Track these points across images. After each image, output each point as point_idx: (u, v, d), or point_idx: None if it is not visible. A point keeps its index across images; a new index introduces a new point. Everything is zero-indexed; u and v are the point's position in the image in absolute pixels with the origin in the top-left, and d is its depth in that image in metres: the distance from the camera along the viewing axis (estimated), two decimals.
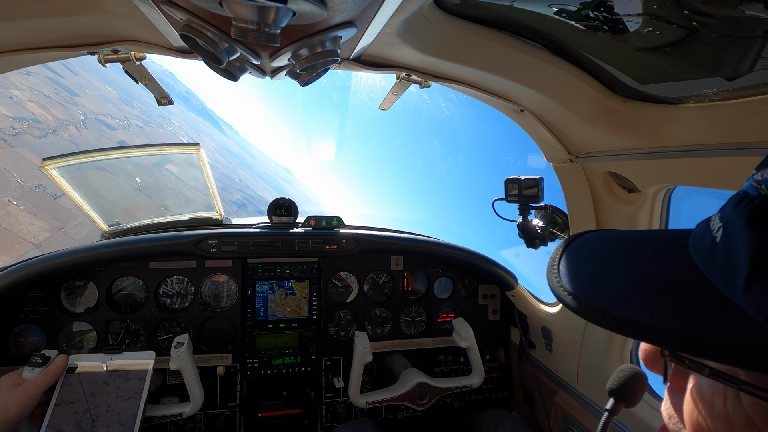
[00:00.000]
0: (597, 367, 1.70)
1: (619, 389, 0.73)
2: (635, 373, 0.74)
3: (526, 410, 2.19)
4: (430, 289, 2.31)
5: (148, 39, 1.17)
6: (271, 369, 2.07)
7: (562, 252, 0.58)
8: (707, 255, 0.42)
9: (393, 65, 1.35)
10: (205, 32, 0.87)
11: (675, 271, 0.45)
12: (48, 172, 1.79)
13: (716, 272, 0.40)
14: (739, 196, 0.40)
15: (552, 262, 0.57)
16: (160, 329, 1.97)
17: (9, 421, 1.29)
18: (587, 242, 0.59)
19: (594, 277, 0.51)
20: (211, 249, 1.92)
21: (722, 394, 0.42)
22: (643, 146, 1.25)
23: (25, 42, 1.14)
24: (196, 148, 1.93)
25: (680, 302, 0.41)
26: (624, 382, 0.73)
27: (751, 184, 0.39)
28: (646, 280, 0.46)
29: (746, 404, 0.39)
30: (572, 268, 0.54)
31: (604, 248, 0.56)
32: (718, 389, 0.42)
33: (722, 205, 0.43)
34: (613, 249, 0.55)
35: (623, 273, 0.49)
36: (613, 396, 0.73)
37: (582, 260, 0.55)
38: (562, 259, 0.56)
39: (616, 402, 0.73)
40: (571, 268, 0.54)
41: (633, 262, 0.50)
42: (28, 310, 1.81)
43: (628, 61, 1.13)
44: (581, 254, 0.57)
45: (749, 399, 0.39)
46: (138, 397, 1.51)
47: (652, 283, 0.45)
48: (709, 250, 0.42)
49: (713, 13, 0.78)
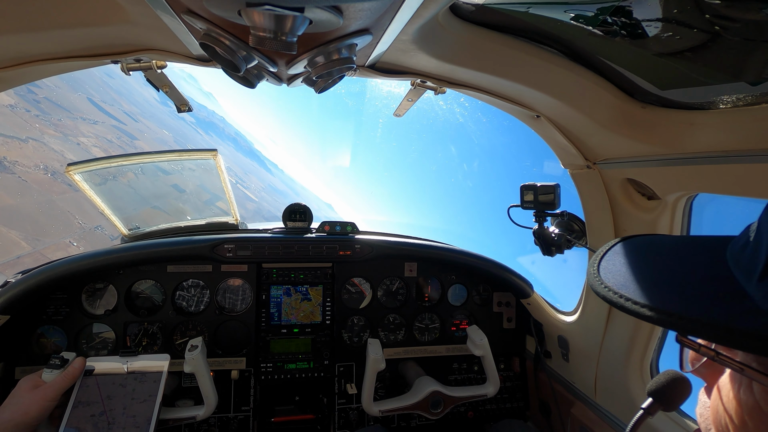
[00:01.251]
0: (616, 379, 1.65)
1: (660, 390, 0.72)
2: (679, 377, 0.72)
3: (542, 421, 2.15)
4: (444, 296, 2.29)
5: (169, 48, 1.20)
6: (284, 374, 2.07)
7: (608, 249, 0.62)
8: (738, 253, 0.45)
9: (408, 72, 1.35)
10: (223, 41, 0.89)
11: (705, 265, 0.48)
12: (72, 177, 1.84)
13: (740, 267, 0.44)
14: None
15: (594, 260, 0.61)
16: (176, 332, 2.00)
17: (29, 422, 1.32)
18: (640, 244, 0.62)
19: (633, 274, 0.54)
20: (227, 253, 1.94)
21: (737, 384, 0.46)
22: (663, 152, 1.22)
23: (52, 52, 1.18)
24: (213, 154, 1.97)
25: (700, 291, 0.45)
26: (666, 383, 0.72)
27: None
28: (679, 274, 0.49)
29: (756, 391, 0.43)
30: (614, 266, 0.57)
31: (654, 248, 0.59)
32: (735, 380, 0.46)
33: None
34: (658, 250, 0.58)
35: (658, 269, 0.53)
36: (652, 396, 0.72)
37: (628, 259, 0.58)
38: (604, 257, 0.60)
39: (654, 402, 0.72)
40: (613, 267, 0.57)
41: (671, 261, 0.53)
42: (51, 311, 1.86)
43: (647, 67, 1.11)
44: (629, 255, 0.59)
45: (759, 387, 0.43)
46: (153, 399, 1.53)
47: (683, 276, 0.49)
48: (741, 249, 0.45)
49: (736, 16, 0.76)
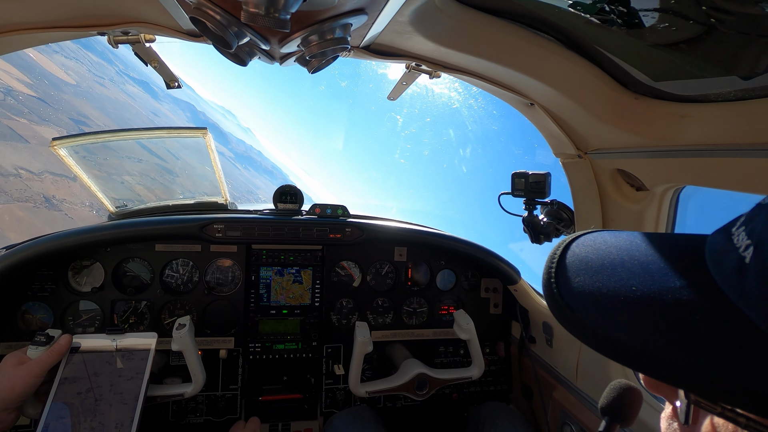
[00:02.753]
0: (597, 365, 1.70)
1: (613, 408, 0.67)
2: (629, 389, 0.68)
3: (524, 404, 2.21)
4: (433, 281, 2.31)
5: (158, 21, 1.16)
6: (272, 354, 2.09)
7: (563, 252, 0.52)
8: (736, 278, 0.35)
9: (403, 54, 1.34)
10: (214, 16, 0.86)
11: (696, 291, 0.38)
12: (57, 151, 1.80)
13: (750, 300, 0.33)
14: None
15: (550, 263, 0.51)
16: (164, 311, 2.00)
17: (14, 399, 1.32)
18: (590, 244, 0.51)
19: (594, 288, 0.44)
20: (217, 234, 1.93)
21: None
22: (653, 144, 1.23)
23: (36, 21, 1.14)
24: (203, 133, 1.93)
25: (703, 334, 0.35)
26: (618, 399, 0.67)
27: None
28: (658, 301, 0.39)
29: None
30: (571, 272, 0.48)
31: (610, 253, 0.48)
32: None
33: (746, 217, 0.37)
34: (619, 254, 0.47)
35: (628, 286, 0.42)
36: (607, 415, 0.68)
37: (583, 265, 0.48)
38: (561, 261, 0.50)
39: (610, 422, 0.67)
40: (570, 273, 0.48)
41: (641, 274, 0.43)
42: (36, 287, 1.83)
43: (641, 57, 1.11)
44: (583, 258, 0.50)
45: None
46: (140, 376, 1.53)
47: (664, 305, 0.38)
48: (737, 273, 0.35)
49: (733, 10, 0.76)
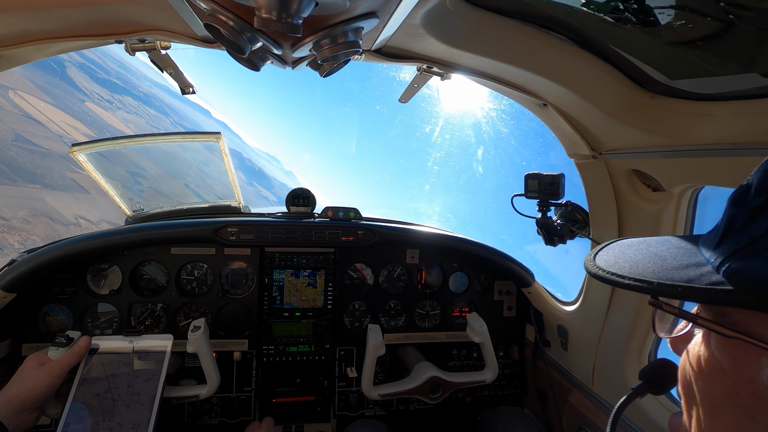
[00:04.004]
0: (613, 368, 1.67)
1: (651, 373, 0.77)
2: (670, 364, 0.76)
3: (539, 408, 2.18)
4: (446, 284, 2.30)
5: (173, 28, 1.19)
6: (286, 356, 2.10)
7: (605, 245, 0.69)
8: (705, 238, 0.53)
9: (414, 57, 1.34)
10: (228, 22, 0.88)
11: (683, 253, 0.54)
12: (76, 157, 1.85)
13: (705, 241, 0.52)
14: None
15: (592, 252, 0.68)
16: (179, 313, 2.02)
17: (36, 399, 1.35)
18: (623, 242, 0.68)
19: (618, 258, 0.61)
20: (230, 237, 1.95)
21: (700, 342, 0.52)
22: (670, 144, 1.21)
23: (55, 30, 1.17)
24: (217, 137, 1.96)
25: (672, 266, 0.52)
26: (657, 368, 0.77)
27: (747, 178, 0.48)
28: (660, 258, 0.55)
29: (713, 344, 0.49)
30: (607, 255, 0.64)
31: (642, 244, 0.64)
32: (698, 340, 0.52)
33: None
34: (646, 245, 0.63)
35: (643, 255, 0.59)
36: (643, 379, 0.78)
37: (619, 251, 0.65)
38: (602, 249, 0.67)
39: (643, 384, 0.77)
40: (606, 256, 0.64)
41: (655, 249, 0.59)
42: (57, 290, 1.88)
43: (657, 56, 1.09)
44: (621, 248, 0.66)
45: (714, 340, 0.49)
46: (156, 378, 1.56)
47: (663, 259, 0.55)
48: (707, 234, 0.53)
49: (751, 5, 0.75)
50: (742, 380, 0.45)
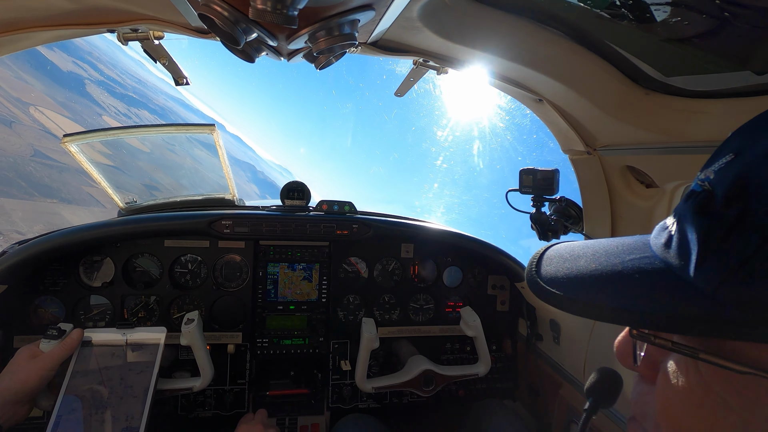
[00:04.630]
0: (604, 363, 1.69)
1: (598, 388, 0.74)
2: (612, 373, 0.74)
3: (530, 401, 2.20)
4: (440, 278, 2.31)
5: (166, 18, 1.17)
6: (280, 349, 2.11)
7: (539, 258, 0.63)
8: (665, 246, 0.48)
9: (410, 50, 1.33)
10: (222, 12, 0.86)
11: (638, 260, 0.50)
12: (68, 148, 1.82)
13: (672, 258, 0.46)
14: (688, 194, 0.47)
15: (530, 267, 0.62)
16: (173, 306, 2.02)
17: (28, 391, 1.34)
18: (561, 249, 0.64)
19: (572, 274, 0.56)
20: (225, 230, 1.95)
21: (685, 371, 0.46)
22: (664, 140, 1.22)
23: (45, 18, 1.15)
24: (211, 129, 1.94)
25: (641, 285, 0.47)
26: (602, 381, 0.74)
27: (697, 183, 0.46)
28: (616, 273, 0.51)
29: (705, 374, 0.44)
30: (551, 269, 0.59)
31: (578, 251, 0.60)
32: (681, 368, 0.47)
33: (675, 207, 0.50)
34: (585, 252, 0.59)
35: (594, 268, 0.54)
36: (591, 395, 0.74)
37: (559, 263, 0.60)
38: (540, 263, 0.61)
39: (594, 401, 0.73)
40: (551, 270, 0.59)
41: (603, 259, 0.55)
42: (48, 282, 1.86)
43: (652, 52, 1.09)
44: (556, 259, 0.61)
45: (707, 368, 0.43)
46: (150, 370, 1.56)
47: (619, 273, 0.51)
48: (666, 243, 0.48)
49: (747, 3, 0.75)
50: (755, 418, 0.40)
